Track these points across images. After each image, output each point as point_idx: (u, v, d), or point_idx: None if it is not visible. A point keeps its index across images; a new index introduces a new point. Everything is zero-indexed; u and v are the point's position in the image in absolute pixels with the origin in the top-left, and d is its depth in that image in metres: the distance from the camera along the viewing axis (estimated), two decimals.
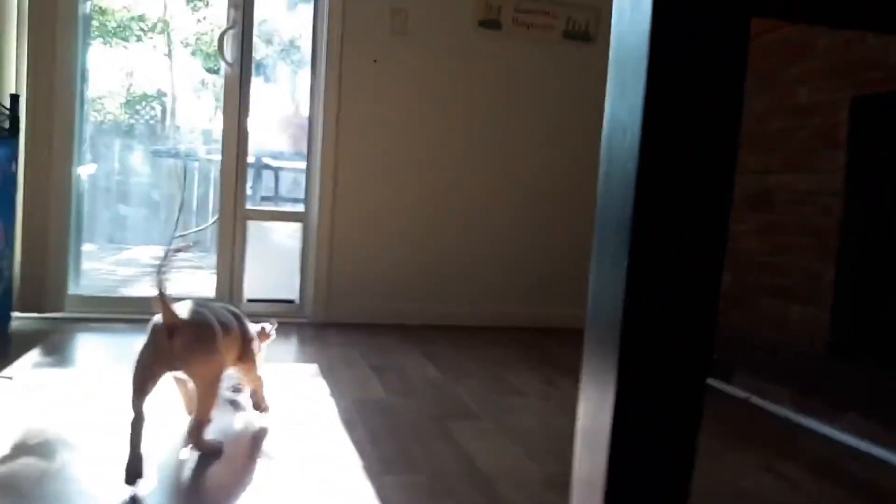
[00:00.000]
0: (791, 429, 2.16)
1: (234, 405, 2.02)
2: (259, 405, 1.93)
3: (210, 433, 1.65)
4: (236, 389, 2.08)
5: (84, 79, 3.22)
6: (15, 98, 2.70)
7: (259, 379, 1.91)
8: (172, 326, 1.55)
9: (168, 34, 9.84)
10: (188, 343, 1.57)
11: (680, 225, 0.79)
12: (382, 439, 1.84)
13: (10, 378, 2.14)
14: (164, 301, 1.55)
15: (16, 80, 2.82)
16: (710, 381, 2.59)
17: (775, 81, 2.95)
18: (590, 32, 3.48)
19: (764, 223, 3.00)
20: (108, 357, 2.51)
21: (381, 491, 1.51)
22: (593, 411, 0.89)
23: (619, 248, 0.82)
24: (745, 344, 2.80)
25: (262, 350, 1.96)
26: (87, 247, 6.22)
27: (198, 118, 9.36)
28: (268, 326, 2.02)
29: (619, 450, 0.88)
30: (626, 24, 0.77)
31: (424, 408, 2.06)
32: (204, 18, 9.47)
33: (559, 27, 3.47)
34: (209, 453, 1.63)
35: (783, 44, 2.92)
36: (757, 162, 3.02)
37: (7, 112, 2.66)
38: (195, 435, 1.61)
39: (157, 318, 1.59)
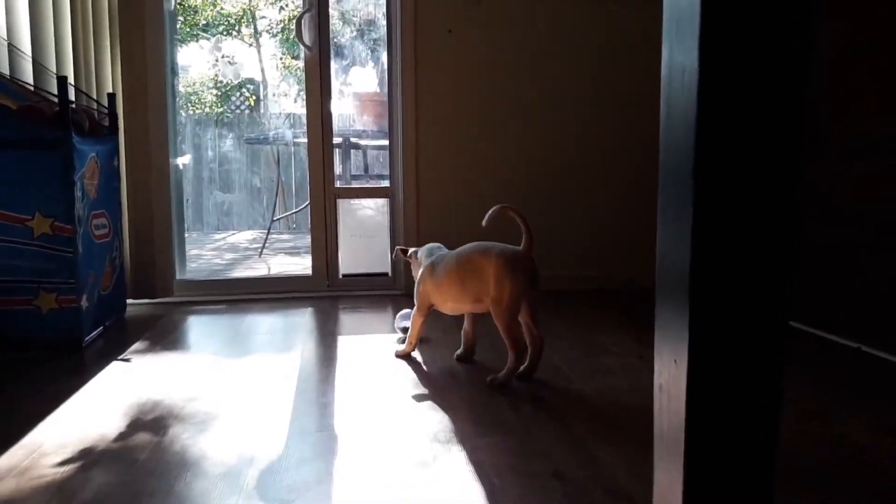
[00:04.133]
0: None
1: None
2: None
3: None
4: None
5: (175, 73, 3.36)
6: (112, 97, 2.85)
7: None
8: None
9: (253, 25, 10.13)
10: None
11: (745, 171, 0.75)
12: (475, 403, 1.86)
13: (128, 360, 2.29)
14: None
15: (112, 80, 2.98)
16: (817, 332, 2.47)
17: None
18: None
19: (873, 172, 2.80)
20: (214, 338, 2.64)
21: (473, 454, 1.53)
22: (668, 367, 0.87)
23: (683, 196, 0.79)
24: (851, 294, 2.65)
25: None
26: (190, 234, 6.57)
27: (288, 103, 9.62)
28: None
29: (696, 406, 0.85)
30: None
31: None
32: (286, 6, 9.69)
33: None
34: None
35: None
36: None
37: (106, 110, 2.81)
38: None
39: (501, 249, 1.97)
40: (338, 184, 3.50)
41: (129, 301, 3.03)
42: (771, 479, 0.81)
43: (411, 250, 2.36)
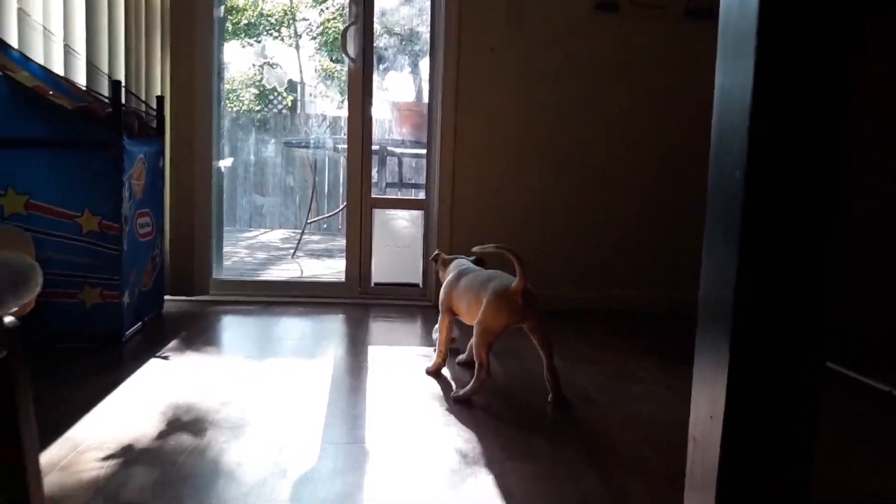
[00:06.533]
0: None
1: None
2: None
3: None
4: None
5: (221, 77, 3.44)
6: (160, 99, 2.93)
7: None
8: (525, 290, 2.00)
9: (294, 27, 10.26)
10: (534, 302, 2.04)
11: (792, 201, 0.75)
12: (503, 425, 1.88)
13: (167, 358, 2.35)
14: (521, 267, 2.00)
15: (160, 82, 3.05)
16: (850, 373, 2.46)
17: None
18: (713, 9, 3.32)
19: None
20: (248, 339, 2.70)
21: (501, 477, 1.56)
22: (704, 422, 0.87)
23: (730, 221, 0.79)
24: (887, 333, 2.63)
25: None
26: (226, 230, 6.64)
27: (325, 106, 9.72)
28: None
29: (731, 443, 0.86)
30: None
31: (545, 393, 2.08)
32: (326, 9, 9.80)
33: (681, 5, 3.34)
34: None
35: None
36: None
37: (154, 112, 2.89)
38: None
39: (501, 281, 2.06)
40: (374, 191, 3.56)
41: (166, 297, 3.10)
42: None
43: (448, 257, 2.47)
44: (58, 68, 2.68)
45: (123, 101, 2.44)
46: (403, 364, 2.41)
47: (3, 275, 0.75)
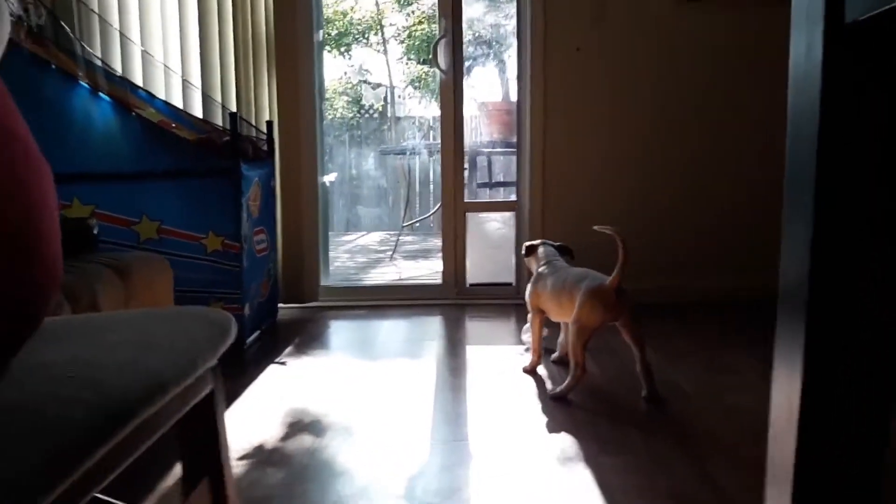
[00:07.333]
0: None
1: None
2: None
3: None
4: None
5: (322, 98, 3.67)
6: (269, 124, 3.18)
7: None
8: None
9: (381, 32, 10.55)
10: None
11: (867, 185, 0.75)
12: (598, 421, 1.98)
13: (284, 363, 2.58)
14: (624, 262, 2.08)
15: (269, 107, 3.30)
16: None
17: None
18: None
19: None
20: (356, 343, 2.90)
21: (598, 472, 1.66)
22: (784, 391, 0.90)
23: (806, 207, 0.80)
24: None
25: None
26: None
27: (416, 108, 9.96)
28: None
29: (807, 433, 0.88)
30: None
31: (639, 389, 2.17)
32: (412, 13, 10.01)
33: None
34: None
35: None
36: None
37: (265, 137, 3.14)
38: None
39: (594, 279, 2.16)
40: (465, 193, 3.70)
41: (280, 306, 3.36)
42: None
43: (534, 243, 2.57)
44: (177, 102, 2.96)
45: (238, 129, 2.68)
46: (501, 363, 2.54)
47: (208, 328, 0.93)
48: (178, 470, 1.29)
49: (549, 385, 2.29)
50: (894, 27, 0.71)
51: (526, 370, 2.43)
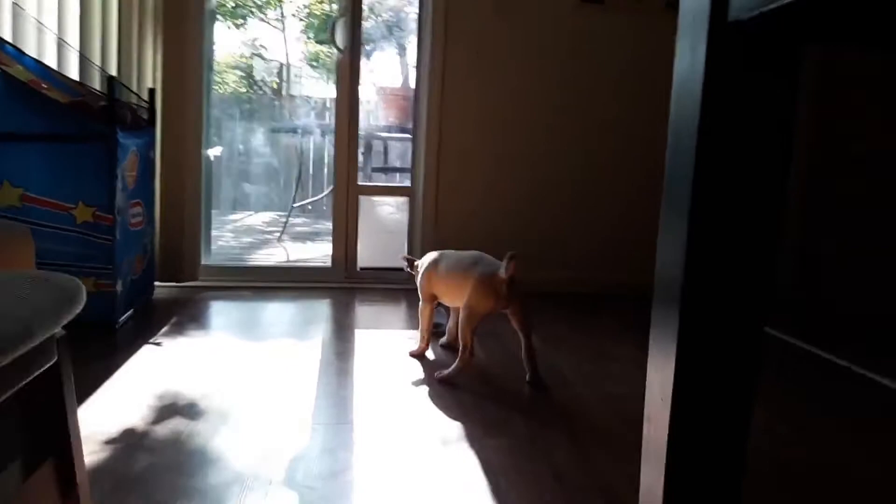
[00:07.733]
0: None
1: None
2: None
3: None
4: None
5: (210, 68, 3.50)
6: (152, 92, 2.99)
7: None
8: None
9: (281, 9, 10.22)
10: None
11: (739, 188, 0.80)
12: (483, 403, 1.99)
13: (159, 344, 2.44)
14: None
15: (152, 74, 3.11)
16: (809, 348, 2.59)
17: None
18: None
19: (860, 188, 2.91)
20: (238, 325, 2.79)
21: (481, 452, 1.67)
22: (658, 376, 0.95)
23: (682, 204, 0.85)
24: (844, 311, 2.76)
25: None
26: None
27: (312, 87, 9.72)
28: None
29: (679, 414, 0.93)
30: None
31: (523, 374, 2.20)
32: None
33: None
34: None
35: None
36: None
37: (146, 105, 2.95)
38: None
39: (486, 265, 2.16)
40: (360, 176, 3.63)
41: (155, 283, 3.18)
42: (739, 489, 0.91)
43: (416, 262, 2.52)
44: (51, 62, 2.73)
45: (117, 94, 2.50)
46: (389, 347, 2.51)
47: (51, 294, 0.84)
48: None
49: (436, 369, 2.28)
50: (779, 27, 0.74)
51: (413, 354, 2.42)
